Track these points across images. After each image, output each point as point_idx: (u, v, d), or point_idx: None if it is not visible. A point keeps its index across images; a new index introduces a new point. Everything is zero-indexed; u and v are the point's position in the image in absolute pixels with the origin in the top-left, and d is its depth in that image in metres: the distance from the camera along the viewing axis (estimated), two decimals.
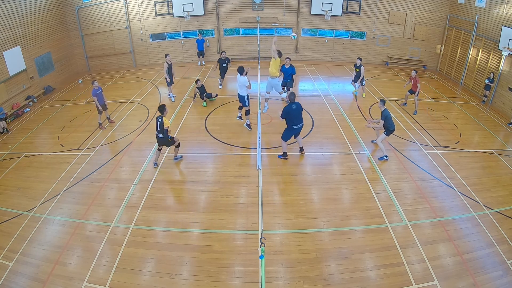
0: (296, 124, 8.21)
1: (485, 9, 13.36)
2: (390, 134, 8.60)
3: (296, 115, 8.12)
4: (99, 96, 10.26)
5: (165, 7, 17.38)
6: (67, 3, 16.48)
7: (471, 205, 7.10)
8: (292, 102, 8.04)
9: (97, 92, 10.15)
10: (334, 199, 7.29)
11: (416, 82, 11.42)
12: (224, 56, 13.70)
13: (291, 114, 8.04)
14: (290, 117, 8.07)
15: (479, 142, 9.96)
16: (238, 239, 6.23)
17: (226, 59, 13.70)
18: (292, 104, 8.03)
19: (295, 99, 8.12)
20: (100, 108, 10.35)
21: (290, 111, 8.01)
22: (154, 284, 5.34)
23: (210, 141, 9.66)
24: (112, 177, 8.19)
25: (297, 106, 8.11)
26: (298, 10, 17.65)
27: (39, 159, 9.23)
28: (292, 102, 8.05)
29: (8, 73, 12.56)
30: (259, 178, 7.83)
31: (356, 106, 12.38)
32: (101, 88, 10.46)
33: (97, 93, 10.14)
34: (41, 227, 6.62)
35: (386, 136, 8.58)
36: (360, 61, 12.47)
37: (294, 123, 8.17)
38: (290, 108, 8.00)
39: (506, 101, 12.16)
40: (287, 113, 8.02)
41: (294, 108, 8.02)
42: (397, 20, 17.16)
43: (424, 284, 5.24)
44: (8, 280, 5.48)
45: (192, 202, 7.22)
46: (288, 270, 5.53)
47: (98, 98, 10.19)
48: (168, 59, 12.28)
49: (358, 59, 12.57)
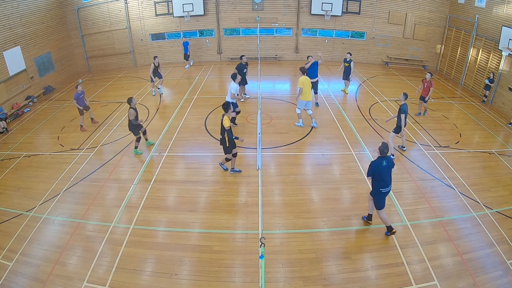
0: (385, 187, 5.87)
1: (485, 9, 13.36)
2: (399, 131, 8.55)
3: (386, 174, 5.85)
4: (80, 100, 10.39)
5: (165, 7, 17.38)
6: (67, 3, 16.48)
7: (471, 205, 7.10)
8: (383, 157, 5.83)
9: (79, 96, 10.31)
10: (334, 199, 7.29)
11: (430, 86, 10.55)
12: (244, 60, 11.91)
13: (381, 172, 5.79)
14: (378, 176, 5.83)
15: (479, 142, 9.96)
16: (238, 239, 6.23)
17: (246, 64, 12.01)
18: (382, 160, 5.81)
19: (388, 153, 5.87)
20: (82, 109, 10.50)
21: (379, 168, 5.80)
22: (154, 284, 5.34)
23: (210, 141, 9.66)
24: (112, 177, 8.19)
25: (388, 162, 5.85)
26: (298, 10, 17.66)
27: (39, 159, 9.22)
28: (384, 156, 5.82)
29: (8, 73, 12.57)
30: (259, 178, 7.83)
31: (356, 106, 12.38)
32: (84, 91, 10.62)
33: (79, 97, 10.30)
34: (41, 227, 6.62)
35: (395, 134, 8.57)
36: (350, 56, 12.51)
37: (383, 185, 5.84)
38: (379, 164, 5.81)
39: (506, 101, 12.16)
40: (374, 171, 5.84)
41: (384, 166, 5.80)
42: (397, 20, 17.16)
43: (424, 284, 5.24)
44: (8, 280, 5.48)
45: (192, 202, 7.22)
46: (288, 270, 5.53)
47: (78, 101, 10.34)
48: (156, 61, 12.59)
49: (349, 53, 12.62)
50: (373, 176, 5.87)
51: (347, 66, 12.76)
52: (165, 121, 11.08)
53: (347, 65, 12.70)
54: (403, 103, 8.37)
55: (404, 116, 8.35)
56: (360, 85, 14.71)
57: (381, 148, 5.79)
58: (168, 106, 12.57)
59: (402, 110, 8.33)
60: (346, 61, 12.69)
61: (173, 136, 10.01)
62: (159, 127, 10.68)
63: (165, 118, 11.29)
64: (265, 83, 14.01)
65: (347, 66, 12.76)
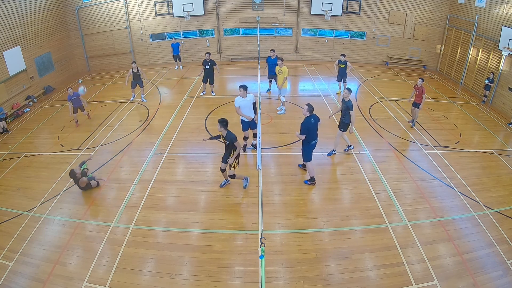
0: (314, 139, 7.24)
1: (485, 9, 13.36)
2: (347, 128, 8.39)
3: (315, 130, 7.14)
4: (74, 101, 10.67)
5: (165, 7, 17.39)
6: (67, 3, 16.49)
7: (471, 205, 7.10)
8: (311, 116, 7.03)
9: (71, 98, 10.55)
10: (334, 199, 7.29)
11: (422, 93, 9.86)
12: (208, 58, 12.44)
13: (311, 130, 7.04)
14: (310, 132, 7.06)
15: (479, 142, 9.96)
16: (238, 239, 6.22)
17: (210, 61, 12.40)
18: (311, 118, 7.01)
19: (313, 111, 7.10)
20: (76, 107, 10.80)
21: (310, 126, 7.01)
22: (154, 284, 5.33)
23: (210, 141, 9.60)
24: (112, 177, 8.19)
25: (315, 118, 7.11)
26: (298, 10, 17.66)
27: (39, 159, 9.22)
28: (311, 115, 7.04)
29: (8, 73, 12.57)
30: (259, 178, 7.82)
31: (356, 106, 12.36)
32: (77, 93, 10.68)
33: (71, 99, 10.57)
34: (41, 227, 6.61)
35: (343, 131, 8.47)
36: (345, 57, 12.49)
37: (313, 138, 7.20)
38: (309, 122, 6.99)
39: (506, 101, 12.16)
40: (307, 130, 7.00)
41: (313, 123, 7.03)
42: (397, 20, 17.17)
43: (424, 284, 5.23)
44: (8, 280, 5.47)
45: (192, 202, 7.21)
46: (288, 270, 5.53)
47: (73, 102, 10.63)
48: (134, 66, 12.08)
49: (342, 55, 12.58)
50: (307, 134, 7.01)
51: (342, 68, 12.66)
52: (165, 121, 11.08)
53: (342, 66, 12.62)
54: (348, 100, 8.12)
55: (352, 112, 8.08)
56: (360, 85, 14.72)
57: (309, 108, 6.96)
58: (168, 106, 12.57)
59: (351, 107, 8.03)
60: (341, 62, 12.57)
61: (173, 136, 10.00)
62: (159, 127, 10.68)
63: (165, 118, 11.29)
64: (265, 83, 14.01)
65: (342, 68, 12.66)
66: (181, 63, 17.57)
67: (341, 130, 8.51)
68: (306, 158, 7.39)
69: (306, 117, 7.02)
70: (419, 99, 10.03)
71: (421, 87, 9.91)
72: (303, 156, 7.45)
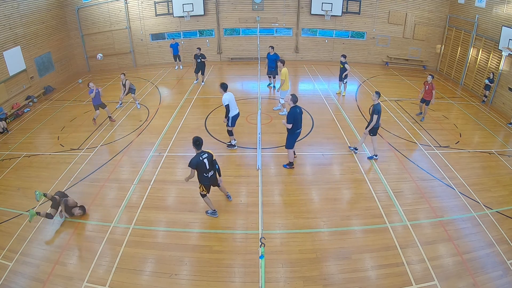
0: (299, 129, 7.75)
1: (485, 9, 13.36)
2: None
3: (300, 119, 7.64)
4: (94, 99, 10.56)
5: (165, 7, 17.38)
6: (67, 3, 16.49)
7: (471, 205, 7.10)
8: (295, 106, 7.51)
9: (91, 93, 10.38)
10: (334, 199, 7.29)
11: (432, 89, 10.22)
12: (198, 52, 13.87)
13: (297, 119, 7.52)
14: (295, 122, 7.51)
15: (479, 142, 9.96)
16: (238, 239, 6.22)
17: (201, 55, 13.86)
18: (296, 108, 7.48)
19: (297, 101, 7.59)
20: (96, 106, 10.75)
21: (296, 116, 7.48)
22: (154, 284, 5.34)
23: (210, 141, 9.65)
24: (112, 177, 8.19)
25: (300, 109, 7.60)
26: (298, 10, 17.66)
27: (39, 159, 9.22)
28: (296, 105, 7.52)
29: (8, 73, 12.57)
30: (259, 178, 7.84)
31: (356, 106, 12.38)
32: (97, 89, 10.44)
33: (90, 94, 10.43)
34: (41, 227, 6.61)
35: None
36: (344, 58, 12.50)
37: (298, 127, 7.70)
38: (295, 112, 7.45)
39: (506, 101, 12.16)
40: (294, 119, 7.45)
41: (298, 112, 7.50)
42: (397, 20, 17.17)
43: (424, 284, 5.24)
44: (8, 280, 5.48)
45: (192, 202, 7.21)
46: (288, 270, 5.53)
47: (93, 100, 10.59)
48: (123, 78, 11.83)
49: (342, 56, 12.62)
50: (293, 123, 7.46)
51: (341, 68, 12.78)
52: (165, 121, 11.08)
53: (341, 67, 12.72)
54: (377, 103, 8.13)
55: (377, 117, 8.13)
56: (360, 85, 14.72)
57: (293, 99, 7.43)
58: (168, 106, 12.57)
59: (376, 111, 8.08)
60: (341, 63, 12.70)
61: (173, 136, 10.01)
62: (159, 127, 10.68)
63: (165, 118, 11.29)
64: (265, 83, 14.02)
65: (341, 68, 12.78)
66: (181, 63, 17.57)
67: (371, 134, 8.52)
68: (289, 145, 7.97)
69: (291, 107, 7.48)
70: (428, 95, 10.27)
71: (431, 83, 10.15)
72: (286, 143, 7.99)
